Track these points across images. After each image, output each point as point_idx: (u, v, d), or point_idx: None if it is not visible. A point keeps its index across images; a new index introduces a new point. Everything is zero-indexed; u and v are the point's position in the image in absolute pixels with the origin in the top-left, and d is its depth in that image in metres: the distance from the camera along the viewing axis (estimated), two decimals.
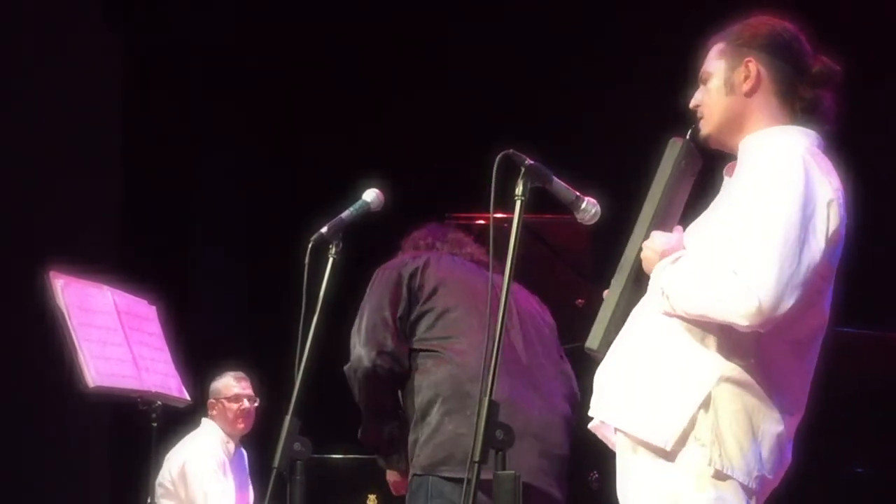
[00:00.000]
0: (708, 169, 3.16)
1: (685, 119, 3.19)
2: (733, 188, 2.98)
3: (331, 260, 3.72)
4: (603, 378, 3.04)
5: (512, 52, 7.76)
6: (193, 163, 8.53)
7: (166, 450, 6.32)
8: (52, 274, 4.78)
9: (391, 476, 4.54)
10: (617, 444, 3.02)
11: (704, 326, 2.86)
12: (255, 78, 8.43)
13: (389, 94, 8.25)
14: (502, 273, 2.98)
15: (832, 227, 2.85)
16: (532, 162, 3.06)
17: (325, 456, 5.30)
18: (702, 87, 3.11)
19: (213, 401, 6.55)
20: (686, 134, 3.10)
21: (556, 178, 3.18)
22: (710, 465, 2.82)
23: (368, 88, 8.28)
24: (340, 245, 3.74)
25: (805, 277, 2.76)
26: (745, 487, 2.84)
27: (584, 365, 3.96)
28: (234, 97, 8.43)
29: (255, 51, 8.35)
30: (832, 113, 3.03)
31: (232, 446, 6.54)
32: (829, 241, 2.84)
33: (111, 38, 8.18)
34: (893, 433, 5.37)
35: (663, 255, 2.94)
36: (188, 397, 5.23)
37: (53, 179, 7.69)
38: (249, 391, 6.59)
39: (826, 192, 2.85)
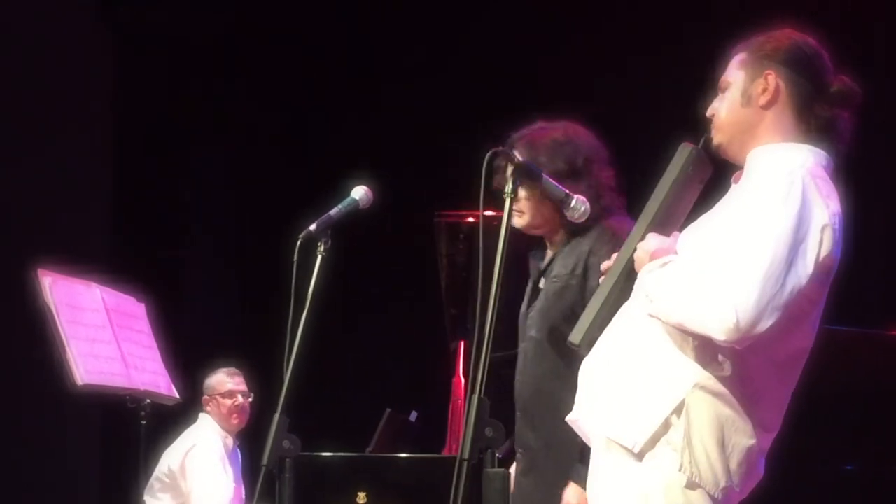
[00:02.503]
0: (717, 178, 3.12)
1: (677, 120, 3.19)
2: (734, 199, 2.97)
3: (319, 257, 3.72)
4: (584, 375, 3.04)
5: (504, 50, 7.76)
6: (184, 158, 8.52)
7: (156, 448, 6.31)
8: (40, 271, 4.78)
9: None
10: (591, 441, 3.02)
11: (685, 333, 2.86)
12: (248, 74, 8.42)
13: (380, 91, 8.24)
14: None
15: (824, 252, 2.82)
16: (522, 159, 3.06)
17: (314, 454, 5.28)
18: (719, 96, 3.06)
19: (208, 397, 6.56)
20: (699, 141, 3.07)
21: (546, 176, 3.19)
22: (680, 471, 2.82)
23: (359, 85, 8.27)
24: (329, 242, 3.73)
25: (788, 300, 2.75)
26: (712, 498, 2.84)
27: None
28: (225, 92, 8.41)
29: (248, 45, 8.33)
30: (847, 134, 3.00)
31: (230, 442, 6.56)
32: (820, 266, 2.82)
33: (102, 29, 8.16)
34: (883, 430, 5.37)
35: (654, 256, 2.92)
36: (177, 395, 5.23)
37: (42, 175, 7.67)
38: (243, 387, 6.61)
39: (822, 217, 2.83)
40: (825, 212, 2.84)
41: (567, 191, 3.24)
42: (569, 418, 3.09)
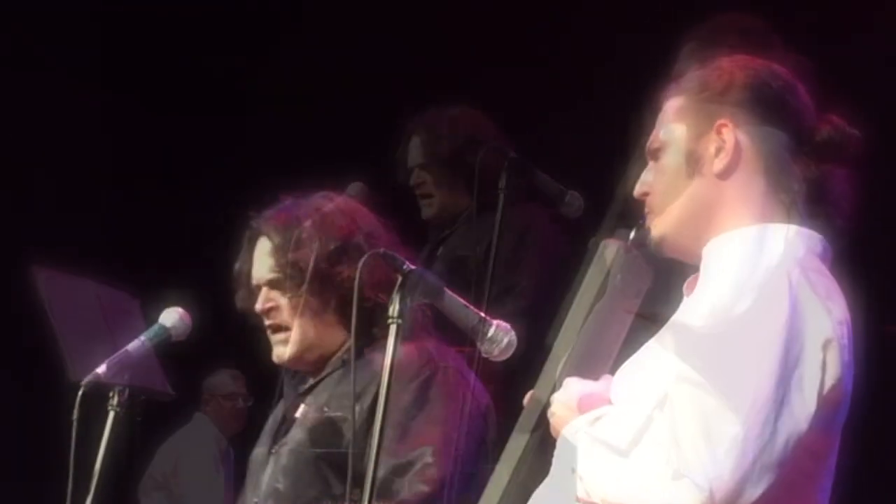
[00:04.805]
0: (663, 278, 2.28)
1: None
2: (689, 315, 2.14)
3: (111, 413, 2.84)
4: None
5: (500, 43, 7.75)
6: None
7: (150, 444, 6.31)
8: (34, 267, 4.78)
9: None
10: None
11: None
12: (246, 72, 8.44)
13: (381, 86, 8.24)
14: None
15: (830, 379, 2.03)
16: (515, 155, 3.06)
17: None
18: (651, 165, 2.21)
19: (208, 396, 6.56)
20: (627, 236, 2.21)
21: (539, 172, 3.19)
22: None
23: (358, 80, 8.28)
24: (126, 394, 2.81)
25: (782, 454, 1.98)
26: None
27: None
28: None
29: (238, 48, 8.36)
30: (846, 201, 2.16)
31: (224, 443, 6.55)
32: (826, 401, 2.02)
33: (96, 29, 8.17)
34: (887, 426, 5.39)
35: (580, 409, 2.13)
36: (172, 392, 5.22)
37: (40, 171, 7.68)
38: (244, 390, 6.61)
39: (822, 328, 2.03)
40: (827, 320, 2.04)
41: (561, 187, 3.26)
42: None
